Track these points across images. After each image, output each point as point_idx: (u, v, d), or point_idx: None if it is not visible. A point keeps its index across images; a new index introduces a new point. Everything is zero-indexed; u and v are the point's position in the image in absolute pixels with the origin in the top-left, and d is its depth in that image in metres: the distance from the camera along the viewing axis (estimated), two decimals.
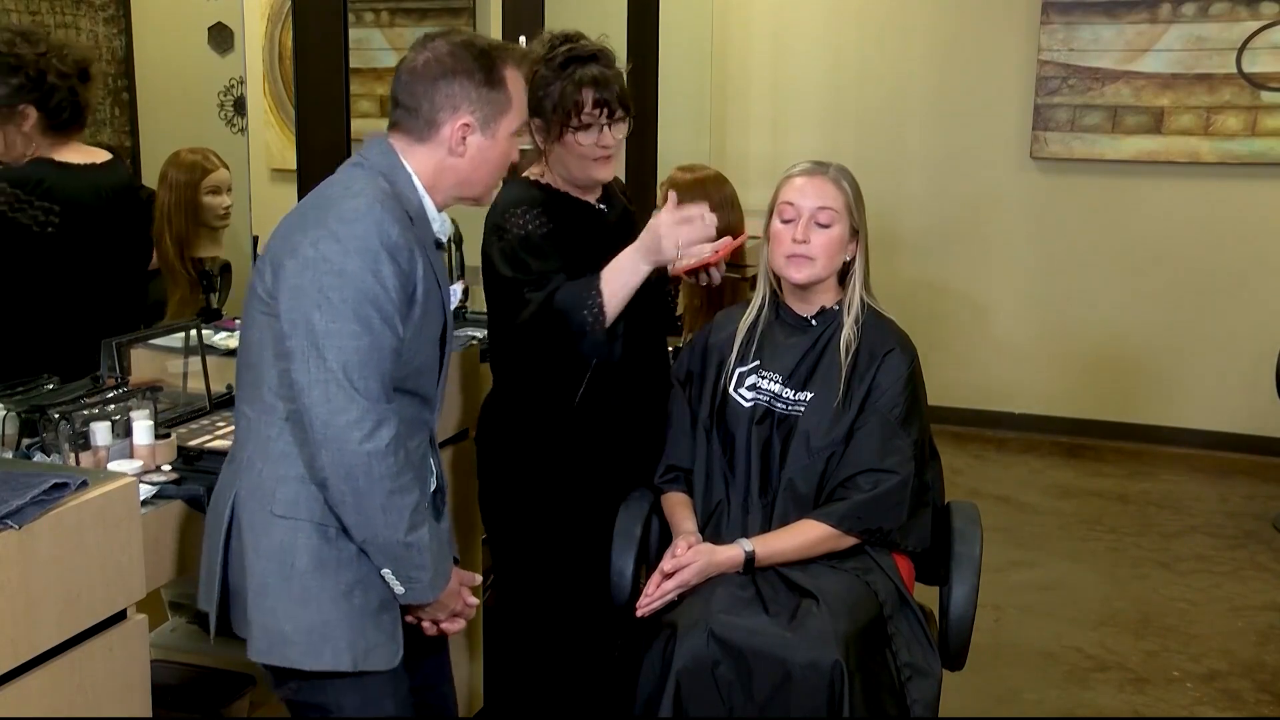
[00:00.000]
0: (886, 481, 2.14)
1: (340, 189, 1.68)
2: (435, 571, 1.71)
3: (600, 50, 2.24)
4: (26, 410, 2.06)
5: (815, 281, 2.22)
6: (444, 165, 1.74)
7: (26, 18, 3.25)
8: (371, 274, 1.59)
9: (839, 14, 5.44)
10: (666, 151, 4.58)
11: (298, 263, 1.60)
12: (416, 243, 1.67)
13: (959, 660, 2.21)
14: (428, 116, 1.72)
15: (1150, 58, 5.00)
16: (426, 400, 1.78)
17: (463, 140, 1.72)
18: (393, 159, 1.73)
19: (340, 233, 1.60)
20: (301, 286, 1.59)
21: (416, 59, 1.72)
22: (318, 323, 1.58)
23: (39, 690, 1.57)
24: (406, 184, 1.72)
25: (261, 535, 1.66)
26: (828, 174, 2.22)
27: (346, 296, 1.58)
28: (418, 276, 1.66)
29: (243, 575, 1.69)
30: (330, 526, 1.66)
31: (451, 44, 1.72)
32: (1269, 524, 4.34)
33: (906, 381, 2.20)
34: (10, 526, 1.51)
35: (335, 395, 1.57)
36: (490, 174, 1.79)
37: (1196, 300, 5.13)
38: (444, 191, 1.77)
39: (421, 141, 1.73)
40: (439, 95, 1.70)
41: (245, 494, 1.68)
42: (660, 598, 2.08)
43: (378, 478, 1.59)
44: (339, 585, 1.66)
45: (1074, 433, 5.34)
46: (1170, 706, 3.05)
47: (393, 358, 1.63)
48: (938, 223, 5.42)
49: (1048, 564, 3.97)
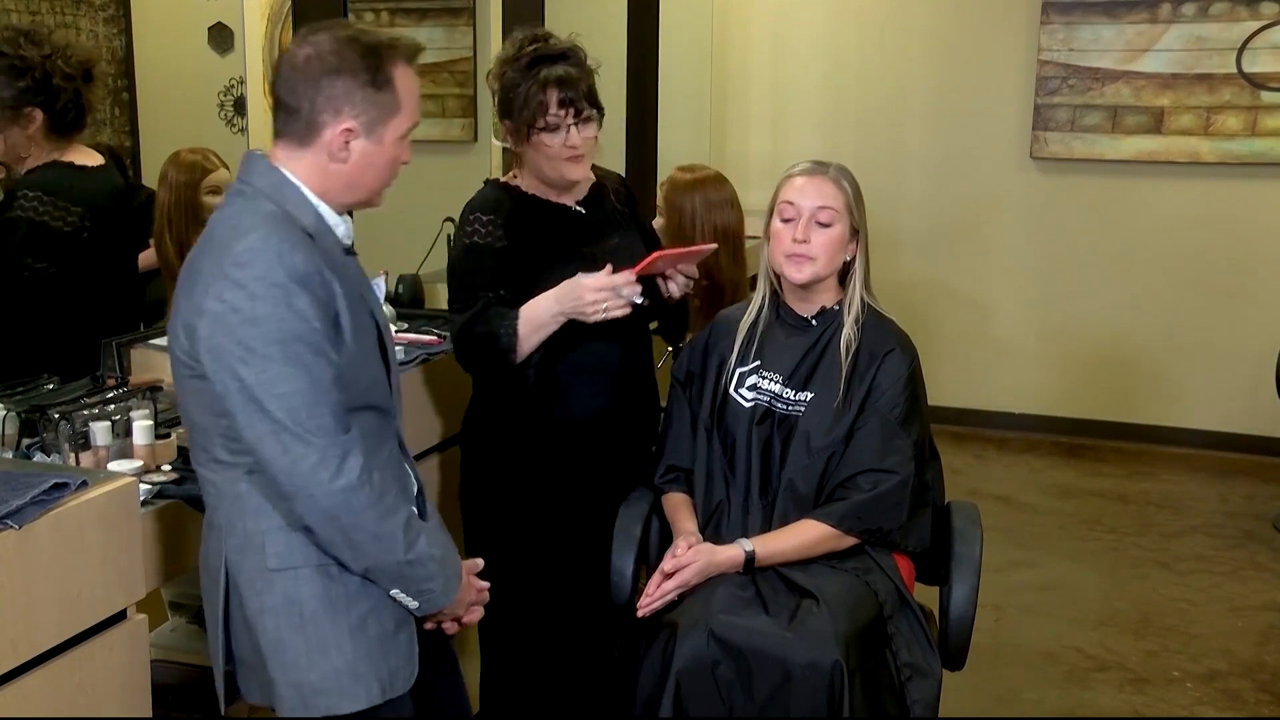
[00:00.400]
0: (886, 482, 2.14)
1: (228, 229, 1.56)
2: (445, 577, 1.67)
3: (569, 49, 2.21)
4: (26, 410, 2.06)
5: (816, 281, 2.22)
6: (327, 170, 1.62)
7: (26, 18, 3.25)
8: (287, 310, 1.50)
9: (839, 14, 5.44)
10: (666, 151, 4.58)
11: (209, 322, 1.51)
12: (325, 263, 1.56)
13: (959, 660, 2.21)
14: (308, 118, 1.59)
15: (1150, 58, 5.00)
16: (384, 411, 1.70)
17: (345, 145, 1.60)
18: (275, 175, 1.61)
19: (241, 278, 1.50)
20: (220, 345, 1.51)
21: (298, 54, 1.59)
22: (248, 377, 1.49)
23: (39, 690, 1.57)
24: (297, 199, 1.60)
25: (264, 593, 1.60)
26: (828, 173, 2.22)
27: (269, 342, 1.49)
28: (336, 297, 1.56)
29: (251, 638, 1.63)
30: (330, 565, 1.61)
31: (336, 39, 1.59)
32: (1269, 524, 4.33)
33: (907, 382, 2.20)
34: (10, 526, 1.51)
35: (290, 445, 1.50)
36: (378, 178, 1.67)
37: (1196, 300, 5.13)
38: (334, 197, 1.64)
39: (303, 145, 1.61)
40: (320, 96, 1.58)
41: (236, 556, 1.62)
42: (660, 598, 2.08)
43: (360, 510, 1.54)
44: (352, 621, 1.62)
45: (1074, 433, 5.34)
46: (1170, 706, 3.05)
47: (336, 386, 1.54)
48: (938, 223, 5.42)
49: (1048, 564, 3.96)
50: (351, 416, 1.57)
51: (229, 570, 1.62)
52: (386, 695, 1.65)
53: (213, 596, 1.65)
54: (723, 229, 3.04)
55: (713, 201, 3.05)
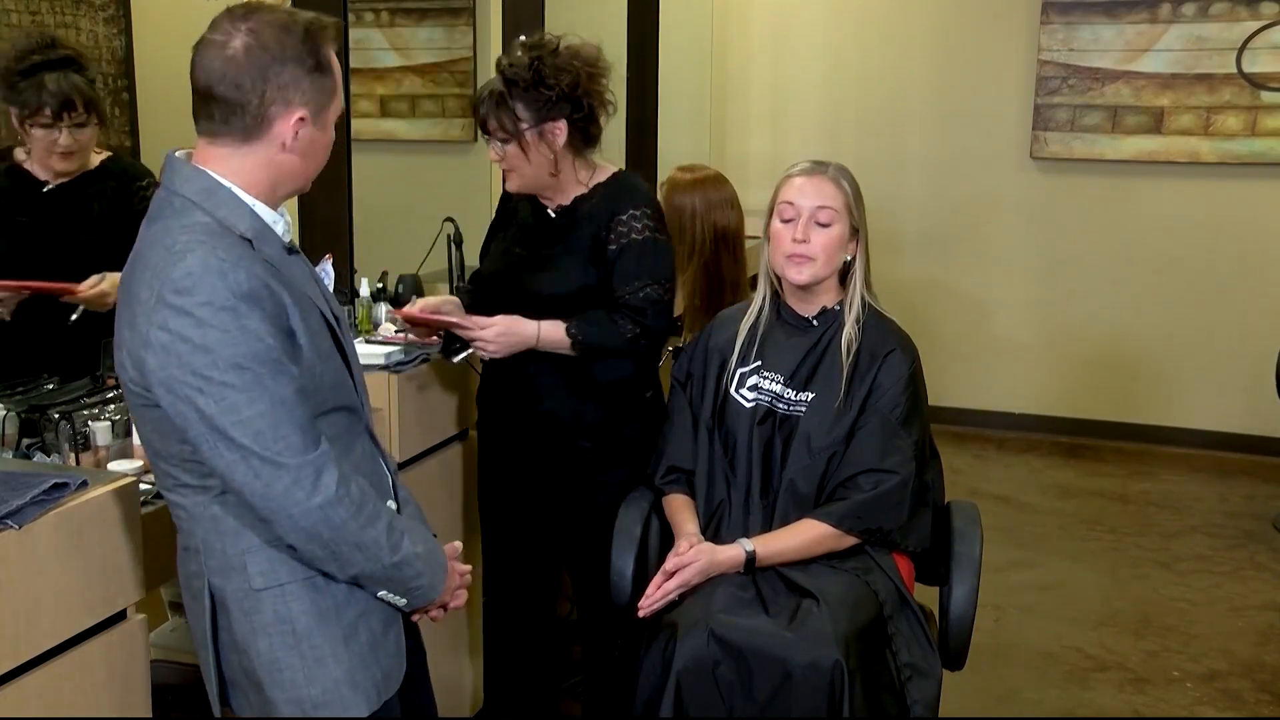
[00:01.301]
0: (887, 482, 2.13)
1: (160, 251, 1.46)
2: (432, 573, 1.65)
3: (505, 66, 2.23)
4: (26, 410, 2.06)
5: (816, 281, 2.22)
6: (273, 162, 1.53)
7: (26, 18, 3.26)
8: (239, 333, 1.42)
9: (839, 14, 5.44)
10: (666, 151, 4.58)
11: (156, 353, 1.43)
12: (268, 270, 1.49)
13: (959, 660, 2.21)
14: (257, 112, 1.49)
15: (1150, 58, 5.00)
16: (352, 409, 1.65)
17: (295, 136, 1.52)
18: (204, 179, 1.51)
19: (185, 305, 1.41)
20: (173, 377, 1.43)
21: (233, 43, 1.48)
22: (207, 407, 1.42)
23: (39, 690, 1.57)
24: (230, 203, 1.51)
25: (253, 614, 1.56)
26: (827, 173, 2.22)
27: (225, 368, 1.42)
28: (287, 307, 1.49)
29: (243, 660, 1.59)
30: (315, 576, 1.57)
31: (273, 25, 1.49)
32: (1269, 524, 4.33)
33: (908, 382, 2.20)
34: (10, 526, 1.51)
35: (261, 469, 1.44)
36: (316, 165, 1.60)
37: (1196, 300, 5.13)
38: (275, 189, 1.57)
39: (248, 141, 1.51)
40: (270, 86, 1.48)
41: (219, 579, 1.57)
42: (662, 597, 2.08)
43: (340, 524, 1.50)
44: (345, 629, 1.60)
45: (1074, 433, 5.34)
46: (1170, 706, 3.05)
47: (299, 401, 1.48)
48: (938, 223, 5.42)
49: (1048, 564, 3.96)
50: (321, 421, 1.53)
51: (213, 593, 1.58)
52: (383, 698, 1.64)
53: (198, 618, 1.61)
54: (723, 229, 3.05)
55: (713, 201, 3.05)
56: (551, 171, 2.24)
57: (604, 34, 2.28)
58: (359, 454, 1.65)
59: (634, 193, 2.31)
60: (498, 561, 2.51)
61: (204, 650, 1.62)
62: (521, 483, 2.43)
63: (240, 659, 1.59)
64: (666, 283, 2.29)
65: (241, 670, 1.60)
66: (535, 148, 2.21)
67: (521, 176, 2.25)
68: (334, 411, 1.60)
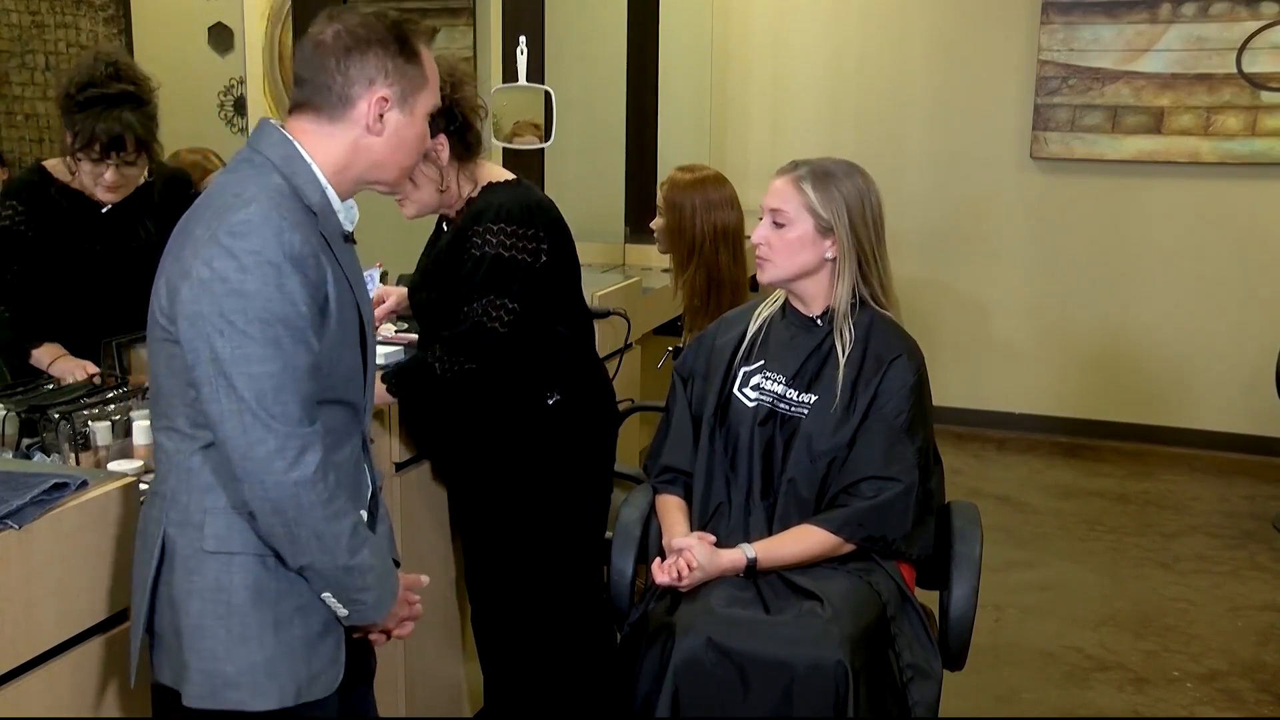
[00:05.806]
0: (889, 489, 2.12)
1: (230, 196, 1.51)
2: (380, 591, 1.61)
3: None
4: (26, 410, 2.06)
5: (778, 282, 2.23)
6: (358, 146, 1.59)
7: (26, 18, 3.26)
8: (276, 290, 1.45)
9: (839, 14, 5.44)
10: (666, 151, 4.59)
11: (192, 286, 1.46)
12: (322, 245, 1.54)
13: (959, 660, 2.21)
14: (340, 92, 1.56)
15: (1150, 58, 5.00)
16: (354, 407, 1.65)
17: (380, 117, 1.58)
18: (289, 148, 1.57)
19: (235, 248, 1.45)
20: (200, 313, 1.46)
21: (323, 32, 1.57)
22: (222, 350, 1.45)
23: (39, 690, 1.57)
24: (306, 176, 1.56)
25: (195, 574, 1.55)
26: (791, 174, 2.22)
27: (251, 318, 1.44)
28: (328, 283, 1.53)
29: (173, 617, 1.57)
30: (268, 556, 1.55)
31: (361, 15, 1.58)
32: (1269, 524, 4.33)
33: (913, 388, 2.18)
34: (10, 526, 1.51)
35: (251, 426, 1.45)
36: (407, 156, 1.65)
37: (1196, 300, 5.13)
38: (354, 176, 1.62)
39: (332, 121, 1.58)
40: (352, 68, 1.56)
41: (174, 530, 1.56)
42: (671, 568, 2.07)
43: (308, 507, 1.48)
44: (280, 616, 1.56)
45: (1074, 433, 5.34)
46: (1170, 706, 3.05)
47: (310, 375, 1.50)
48: (938, 223, 5.42)
49: (1048, 564, 3.96)
50: (320, 409, 1.53)
51: (165, 544, 1.57)
52: (301, 698, 1.59)
53: (144, 565, 1.59)
54: (722, 228, 3.05)
55: (713, 201, 3.06)
56: (440, 188, 2.24)
57: (604, 34, 2.28)
58: (345, 455, 1.63)
59: (487, 209, 2.23)
60: (473, 564, 2.51)
61: (139, 596, 1.60)
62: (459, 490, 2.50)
63: (172, 615, 1.57)
64: (499, 299, 2.19)
65: (171, 628, 1.58)
66: (421, 169, 2.19)
67: (415, 201, 2.26)
68: (337, 404, 1.60)
